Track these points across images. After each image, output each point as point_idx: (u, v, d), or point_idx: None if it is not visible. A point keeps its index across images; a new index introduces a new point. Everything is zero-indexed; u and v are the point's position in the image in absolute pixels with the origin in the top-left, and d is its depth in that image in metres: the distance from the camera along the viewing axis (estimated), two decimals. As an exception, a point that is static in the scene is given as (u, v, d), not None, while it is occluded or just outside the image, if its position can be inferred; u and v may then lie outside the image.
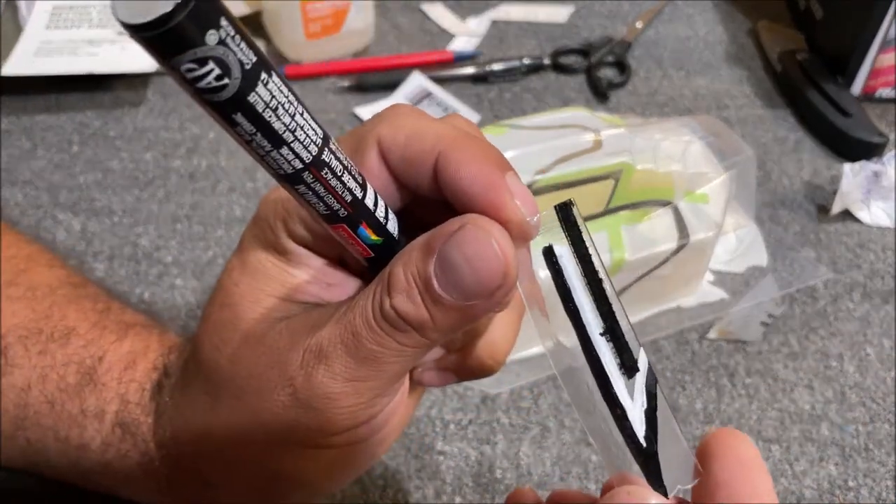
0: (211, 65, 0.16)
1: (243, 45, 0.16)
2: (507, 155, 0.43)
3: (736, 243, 0.52)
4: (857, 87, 0.63)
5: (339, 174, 0.20)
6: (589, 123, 0.46)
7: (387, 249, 0.23)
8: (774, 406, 0.44)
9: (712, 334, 0.47)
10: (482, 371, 0.27)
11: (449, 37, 0.70)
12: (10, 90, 0.61)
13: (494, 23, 0.72)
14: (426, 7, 0.73)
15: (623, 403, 0.21)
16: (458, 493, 0.39)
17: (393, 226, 0.23)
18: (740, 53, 0.69)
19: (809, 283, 0.50)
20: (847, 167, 0.53)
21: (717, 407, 0.43)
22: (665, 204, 0.46)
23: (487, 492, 0.39)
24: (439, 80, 0.64)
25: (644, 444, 0.21)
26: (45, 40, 0.62)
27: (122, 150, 0.58)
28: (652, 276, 0.45)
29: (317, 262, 0.26)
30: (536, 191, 0.42)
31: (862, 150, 0.58)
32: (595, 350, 0.21)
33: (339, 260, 0.26)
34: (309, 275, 0.26)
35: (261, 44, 0.66)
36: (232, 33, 0.16)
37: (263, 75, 0.17)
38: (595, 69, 0.66)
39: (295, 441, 0.26)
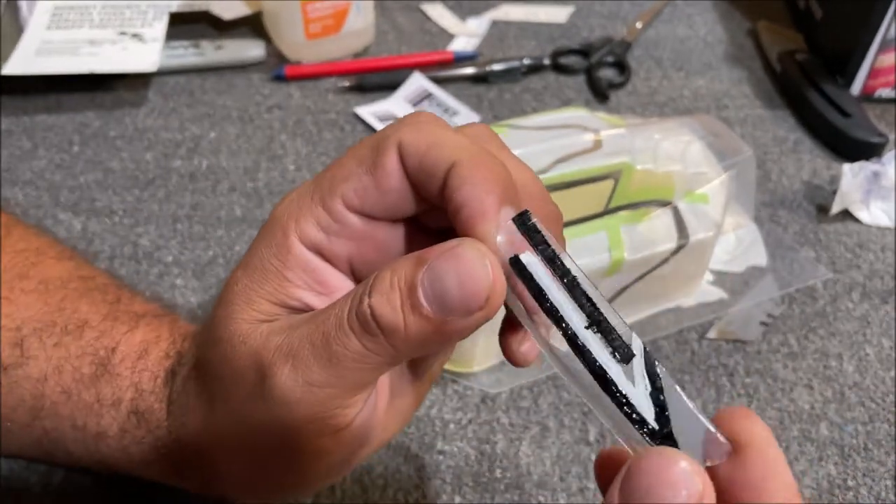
0: None
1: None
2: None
3: (735, 243, 0.52)
4: (856, 87, 0.63)
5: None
6: (589, 123, 0.46)
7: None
8: (774, 406, 0.44)
9: (712, 334, 0.47)
10: None
11: (449, 37, 0.70)
12: (11, 90, 0.61)
13: (494, 23, 0.72)
14: (426, 7, 0.73)
15: (623, 390, 0.21)
16: (458, 492, 0.39)
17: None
18: (740, 54, 0.69)
19: (809, 282, 0.50)
20: (846, 167, 0.53)
21: (716, 406, 0.43)
22: (665, 204, 0.46)
23: (487, 491, 0.39)
24: (439, 81, 0.64)
25: (656, 426, 0.21)
26: (46, 40, 0.62)
27: (123, 150, 0.58)
28: (651, 276, 0.45)
29: (319, 266, 0.26)
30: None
31: (861, 150, 0.58)
32: (584, 345, 0.22)
33: (351, 269, 0.26)
34: (303, 280, 0.26)
35: (261, 44, 0.66)
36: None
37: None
38: (595, 69, 0.66)
39: (278, 441, 0.26)
